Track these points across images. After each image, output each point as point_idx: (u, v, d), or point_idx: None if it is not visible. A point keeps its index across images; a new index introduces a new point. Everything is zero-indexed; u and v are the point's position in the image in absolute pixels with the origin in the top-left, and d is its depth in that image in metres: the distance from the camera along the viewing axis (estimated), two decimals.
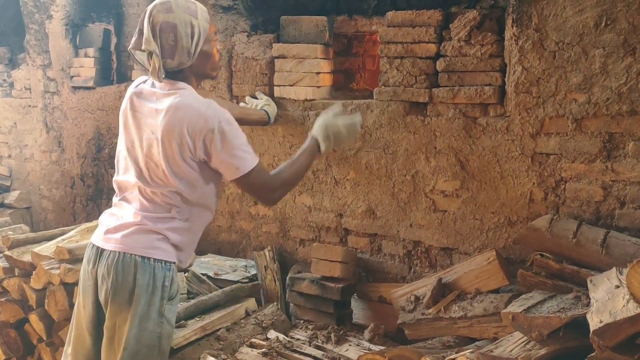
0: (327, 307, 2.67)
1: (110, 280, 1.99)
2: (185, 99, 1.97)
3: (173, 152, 1.95)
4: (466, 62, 2.47)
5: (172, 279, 2.03)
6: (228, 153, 1.96)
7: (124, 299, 1.98)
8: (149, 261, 1.99)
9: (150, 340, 2.01)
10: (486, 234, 2.51)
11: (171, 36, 1.93)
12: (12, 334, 3.02)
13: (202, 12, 2.03)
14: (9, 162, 4.67)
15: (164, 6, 1.95)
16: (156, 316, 2.01)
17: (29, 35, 4.33)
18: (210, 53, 2.08)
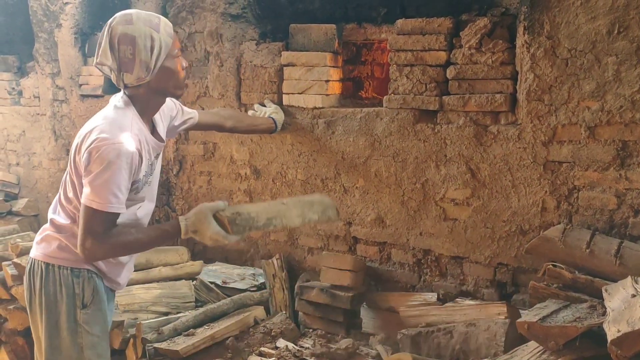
0: (336, 315, 2.65)
1: (26, 287, 2.00)
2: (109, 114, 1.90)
3: (73, 160, 1.91)
4: (477, 70, 2.46)
5: (83, 285, 1.95)
6: (94, 179, 1.80)
7: (37, 307, 1.96)
8: (53, 268, 1.93)
9: (70, 351, 1.94)
10: (497, 243, 2.49)
11: (129, 49, 1.84)
12: (19, 342, 3.01)
13: (166, 26, 1.93)
14: (17, 169, 4.68)
15: (124, 18, 1.88)
16: (73, 325, 1.94)
17: (38, 43, 4.35)
18: (173, 70, 1.94)
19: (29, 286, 1.98)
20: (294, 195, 3.06)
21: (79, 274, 1.95)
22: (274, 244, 3.20)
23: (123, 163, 1.81)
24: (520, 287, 2.47)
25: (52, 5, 4.17)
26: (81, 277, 1.94)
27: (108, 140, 1.80)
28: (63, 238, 1.94)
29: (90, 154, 1.80)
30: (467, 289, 2.57)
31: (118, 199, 1.81)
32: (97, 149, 1.79)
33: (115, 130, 1.82)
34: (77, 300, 1.93)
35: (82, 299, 1.94)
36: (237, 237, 1.95)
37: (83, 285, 1.94)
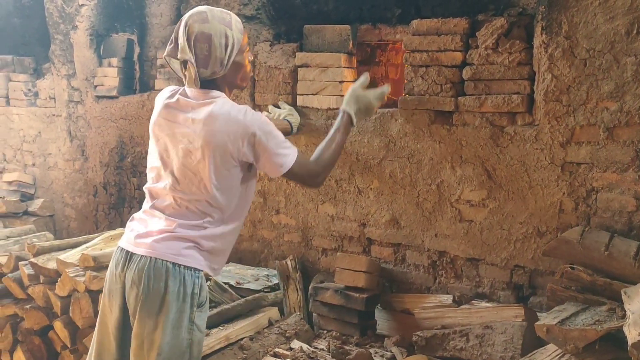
0: (351, 317, 2.64)
1: (142, 286, 1.98)
2: (222, 108, 1.98)
3: (215, 160, 1.96)
4: (493, 70, 2.44)
5: (201, 287, 2.02)
6: (271, 153, 1.99)
7: (155, 305, 1.97)
8: (179, 268, 1.98)
9: (182, 347, 2.00)
10: (514, 245, 2.47)
11: (206, 46, 1.95)
12: (36, 341, 3.03)
13: (237, 23, 2.04)
14: (33, 170, 4.72)
15: (200, 16, 1.97)
16: (187, 323, 1.99)
17: (54, 45, 4.38)
18: (243, 64, 2.08)
19: (146, 285, 1.97)
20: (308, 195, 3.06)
21: (199, 275, 2.00)
22: (287, 245, 3.20)
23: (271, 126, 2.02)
24: (537, 290, 2.44)
25: (68, 7, 4.20)
26: (200, 278, 2.00)
27: (251, 121, 1.96)
28: (191, 239, 1.99)
29: (251, 142, 1.97)
30: (483, 291, 2.55)
31: (289, 147, 2.04)
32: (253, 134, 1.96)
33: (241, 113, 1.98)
34: (194, 299, 1.99)
35: (198, 298, 2.00)
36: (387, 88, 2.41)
37: (201, 285, 2.00)
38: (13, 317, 3.15)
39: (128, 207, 4.02)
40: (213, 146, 1.95)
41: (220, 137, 1.95)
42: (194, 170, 1.99)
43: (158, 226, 2.03)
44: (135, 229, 2.09)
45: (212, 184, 1.98)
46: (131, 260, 2.02)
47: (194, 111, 2.00)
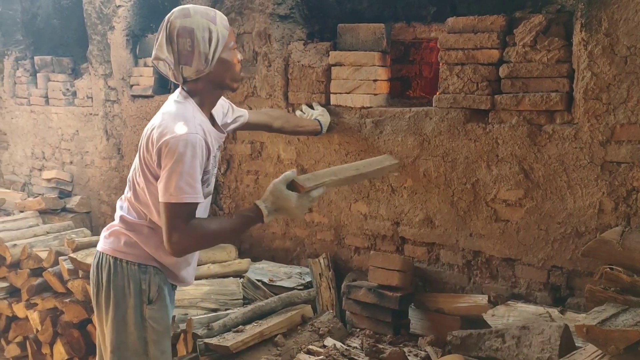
0: (384, 316, 2.64)
1: (94, 280, 2.04)
2: (170, 108, 1.93)
3: (141, 158, 1.95)
4: (531, 68, 2.41)
5: (149, 282, 1.99)
6: (169, 173, 1.82)
7: (103, 301, 2.00)
8: (121, 263, 1.98)
9: (136, 346, 1.98)
10: (551, 245, 2.44)
11: (188, 41, 1.88)
12: (75, 334, 3.11)
13: (222, 19, 1.98)
14: (71, 168, 4.83)
15: (182, 12, 1.93)
16: (138, 320, 1.97)
17: (91, 45, 4.48)
18: (230, 61, 2.00)
19: (96, 280, 2.02)
20: (341, 194, 3.07)
21: (146, 270, 1.99)
22: (320, 243, 3.21)
23: (193, 152, 1.83)
24: (575, 291, 2.40)
25: (106, 8, 4.29)
26: (148, 274, 2.00)
27: (174, 133, 1.82)
28: (132, 235, 1.99)
29: (160, 150, 1.84)
30: (520, 291, 2.52)
31: (194, 188, 1.84)
32: (165, 144, 1.83)
33: (179, 123, 1.85)
34: (143, 295, 1.98)
35: (149, 294, 1.99)
36: (319, 192, 2.06)
37: (149, 281, 1.99)
38: (53, 310, 3.25)
39: None
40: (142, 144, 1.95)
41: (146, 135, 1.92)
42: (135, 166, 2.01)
43: (113, 222, 2.09)
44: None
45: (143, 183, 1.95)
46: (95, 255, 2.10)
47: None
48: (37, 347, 3.34)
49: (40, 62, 5.03)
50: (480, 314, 2.41)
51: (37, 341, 3.33)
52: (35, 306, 3.33)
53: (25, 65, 5.18)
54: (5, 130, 5.45)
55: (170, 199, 1.82)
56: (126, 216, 2.02)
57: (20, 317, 3.47)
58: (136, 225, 1.99)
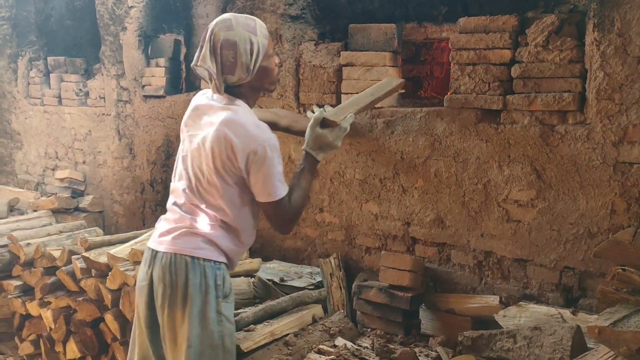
0: (395, 316, 2.64)
1: (166, 281, 2.06)
2: (237, 116, 2.03)
3: (217, 165, 2.02)
4: (543, 68, 2.40)
5: (223, 278, 2.09)
6: (264, 176, 2.02)
7: (179, 299, 2.04)
8: (198, 261, 2.05)
9: (213, 339, 2.05)
10: (564, 246, 2.43)
11: (231, 53, 2.00)
12: (88, 333, 3.13)
13: (261, 28, 2.09)
14: (84, 167, 4.87)
15: (225, 24, 2.03)
16: (214, 315, 2.05)
17: (104, 46, 4.51)
18: (269, 68, 2.13)
19: (170, 280, 2.04)
20: (352, 194, 3.07)
21: (220, 267, 2.08)
22: (331, 243, 3.21)
23: (277, 153, 2.05)
24: (587, 292, 2.39)
25: (118, 9, 4.32)
26: (221, 269, 2.08)
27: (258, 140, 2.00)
28: (207, 235, 2.07)
29: (249, 159, 1.99)
30: (531, 292, 2.51)
31: (283, 183, 2.08)
32: (253, 152, 1.99)
33: (256, 128, 2.02)
34: (218, 291, 2.06)
35: (223, 289, 2.07)
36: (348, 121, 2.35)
37: (223, 276, 2.08)
38: (66, 308, 3.27)
39: None
40: (219, 151, 2.01)
41: (227, 143, 2.00)
42: (202, 172, 2.06)
43: (177, 223, 2.12)
44: (160, 227, 2.19)
45: (216, 188, 2.05)
46: (156, 258, 2.11)
47: (213, 114, 2.07)
48: (50, 345, 3.37)
49: (54, 62, 5.07)
50: (492, 315, 2.40)
51: (51, 339, 3.36)
52: (48, 304, 3.36)
53: (38, 65, 5.23)
54: (19, 130, 5.51)
55: (271, 199, 2.05)
56: (198, 218, 2.09)
57: (34, 315, 3.50)
58: (210, 226, 2.07)
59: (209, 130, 2.04)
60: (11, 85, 5.51)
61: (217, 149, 2.01)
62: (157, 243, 2.13)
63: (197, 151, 2.07)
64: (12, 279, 3.69)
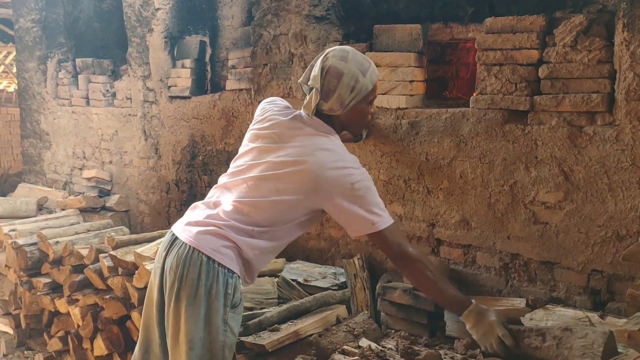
0: (420, 317, 2.63)
1: (178, 273, 2.01)
2: (329, 146, 2.05)
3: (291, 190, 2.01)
4: (572, 69, 2.37)
5: (235, 287, 2.04)
6: (365, 209, 2.02)
7: (187, 295, 1.99)
8: (213, 263, 2.00)
9: (215, 347, 2.02)
10: (592, 249, 2.39)
11: (334, 82, 2.05)
12: (114, 330, 3.18)
13: (372, 73, 2.13)
14: (110, 167, 4.95)
15: (341, 54, 2.09)
16: (220, 323, 2.02)
17: (131, 48, 4.58)
18: (364, 112, 2.16)
19: (180, 273, 2.00)
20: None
21: (232, 276, 2.04)
22: (354, 244, 3.21)
23: (372, 182, 2.08)
24: (615, 295, 2.36)
25: (145, 11, 4.38)
26: (233, 279, 2.04)
27: (353, 169, 2.03)
28: (236, 241, 2.03)
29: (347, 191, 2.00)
30: (559, 295, 2.48)
31: (385, 211, 2.09)
32: (352, 182, 2.00)
33: (348, 157, 2.06)
34: (227, 299, 2.02)
35: (232, 299, 2.04)
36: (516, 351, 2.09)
37: (235, 287, 2.04)
38: (94, 306, 3.33)
39: None
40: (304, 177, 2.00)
41: (319, 173, 1.99)
42: (270, 187, 2.03)
43: (209, 219, 2.07)
44: (189, 216, 2.14)
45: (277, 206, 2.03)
46: (174, 244, 2.07)
47: (302, 135, 2.07)
48: (78, 341, 3.43)
49: (82, 64, 5.16)
50: (518, 318, 2.38)
51: (78, 336, 3.41)
52: (76, 302, 3.42)
53: (67, 67, 5.33)
54: (48, 130, 5.62)
55: (382, 225, 2.04)
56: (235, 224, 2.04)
57: (62, 312, 3.57)
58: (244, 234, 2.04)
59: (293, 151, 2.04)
60: (40, 87, 5.62)
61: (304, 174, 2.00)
62: (181, 230, 2.08)
63: (273, 164, 2.05)
64: (41, 276, 3.76)
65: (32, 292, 3.76)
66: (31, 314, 3.84)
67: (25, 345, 4.03)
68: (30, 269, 3.78)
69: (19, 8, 5.71)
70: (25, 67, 5.76)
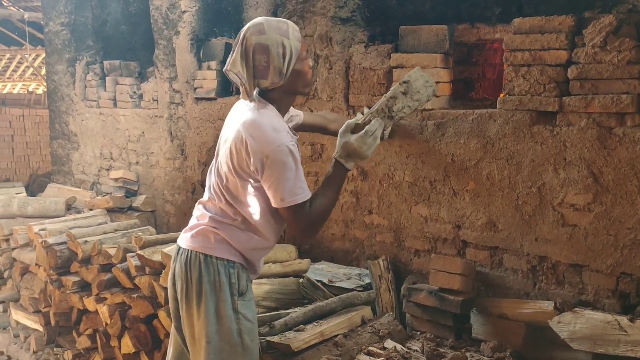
0: (445, 319, 2.62)
1: (183, 277, 2.13)
2: (259, 118, 2.04)
3: (235, 165, 2.05)
4: (601, 70, 2.34)
5: (238, 276, 2.12)
6: (277, 181, 2.00)
7: (194, 295, 2.09)
8: (211, 259, 2.10)
9: (231, 336, 2.09)
10: (621, 252, 2.36)
11: (264, 57, 2.00)
12: (142, 329, 3.22)
13: (294, 31, 2.08)
14: (137, 168, 5.01)
15: (257, 28, 2.03)
16: (231, 312, 2.09)
17: (157, 50, 4.64)
18: (303, 71, 2.12)
19: (185, 276, 2.11)
20: (401, 196, 3.06)
21: (234, 265, 2.12)
22: (379, 245, 3.21)
23: (294, 158, 2.01)
24: None
25: (172, 14, 4.44)
26: (235, 268, 2.12)
27: (273, 144, 1.97)
28: (222, 233, 2.11)
29: (263, 162, 1.98)
30: (587, 298, 2.45)
31: (302, 188, 2.04)
32: (266, 156, 1.97)
33: (273, 133, 1.99)
34: (233, 289, 2.10)
35: (238, 287, 2.11)
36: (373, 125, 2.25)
37: (238, 275, 2.12)
38: (121, 305, 3.38)
39: None
40: (235, 151, 2.04)
41: (241, 145, 2.02)
42: (225, 172, 2.10)
43: (199, 220, 2.19)
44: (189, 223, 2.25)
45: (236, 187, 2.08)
46: (178, 253, 2.20)
47: (241, 116, 2.10)
48: (106, 339, 3.48)
49: (109, 66, 5.24)
50: (546, 321, 2.36)
51: (106, 334, 3.47)
52: (104, 300, 3.47)
53: (95, 69, 5.42)
54: (76, 131, 5.71)
55: (286, 204, 2.01)
56: (215, 216, 2.14)
57: (90, 310, 3.62)
58: (226, 225, 2.12)
59: (233, 130, 2.08)
60: (69, 88, 5.72)
61: (235, 149, 2.03)
62: (182, 239, 2.21)
63: (223, 151, 2.12)
64: (70, 274, 3.83)
65: (61, 290, 3.83)
66: (60, 311, 3.91)
67: (55, 342, 4.10)
68: (59, 268, 3.84)
69: (49, 12, 5.82)
70: (55, 69, 5.87)
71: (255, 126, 2.02)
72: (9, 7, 11.71)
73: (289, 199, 2.01)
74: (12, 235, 4.43)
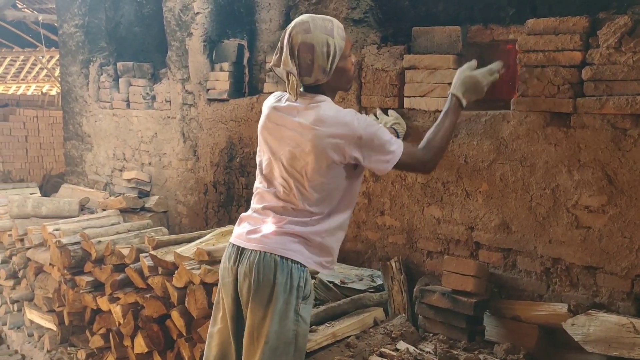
0: (458, 321, 2.61)
1: (253, 278, 2.12)
2: (328, 111, 2.08)
3: (321, 163, 2.06)
4: (616, 71, 2.33)
5: (306, 280, 2.14)
6: (378, 153, 2.09)
7: (265, 296, 2.10)
8: (286, 261, 2.10)
9: (288, 337, 2.11)
10: (636, 254, 2.34)
11: (309, 56, 2.04)
12: (154, 328, 3.24)
13: (338, 29, 2.11)
14: (150, 169, 5.05)
15: (303, 27, 2.06)
16: (293, 315, 2.11)
17: (170, 51, 4.67)
18: (346, 69, 2.16)
19: (256, 277, 2.11)
20: (413, 197, 3.06)
21: (304, 269, 2.14)
22: (392, 247, 3.21)
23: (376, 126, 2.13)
24: None
25: (185, 15, 4.46)
26: (305, 272, 2.14)
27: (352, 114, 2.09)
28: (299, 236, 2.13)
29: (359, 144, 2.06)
30: (601, 301, 2.44)
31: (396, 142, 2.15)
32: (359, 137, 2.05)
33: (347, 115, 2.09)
34: (299, 292, 2.12)
35: (304, 291, 2.13)
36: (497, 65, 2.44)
37: (306, 279, 2.14)
38: (134, 304, 3.40)
39: (236, 205, 4.20)
40: (321, 149, 2.05)
41: (328, 140, 2.04)
42: (300, 172, 2.10)
43: (268, 223, 2.17)
44: (247, 226, 2.22)
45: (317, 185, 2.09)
46: (243, 254, 2.17)
47: (300, 115, 2.11)
48: (119, 339, 3.50)
49: (123, 67, 5.28)
50: (560, 323, 2.34)
51: (120, 333, 3.49)
52: (117, 300, 3.49)
53: (108, 70, 5.46)
54: (90, 132, 5.76)
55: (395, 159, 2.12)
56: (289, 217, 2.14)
57: (104, 310, 3.65)
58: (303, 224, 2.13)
59: (302, 132, 2.08)
60: (83, 90, 5.77)
61: (320, 147, 2.05)
62: (245, 241, 2.18)
63: (292, 153, 2.10)
64: (84, 274, 3.85)
65: (75, 290, 3.86)
66: (74, 311, 3.94)
67: (69, 341, 4.14)
68: (73, 268, 3.87)
69: (63, 14, 5.88)
70: (69, 71, 5.92)
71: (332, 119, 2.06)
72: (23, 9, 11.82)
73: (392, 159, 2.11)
74: (26, 235, 4.47)
